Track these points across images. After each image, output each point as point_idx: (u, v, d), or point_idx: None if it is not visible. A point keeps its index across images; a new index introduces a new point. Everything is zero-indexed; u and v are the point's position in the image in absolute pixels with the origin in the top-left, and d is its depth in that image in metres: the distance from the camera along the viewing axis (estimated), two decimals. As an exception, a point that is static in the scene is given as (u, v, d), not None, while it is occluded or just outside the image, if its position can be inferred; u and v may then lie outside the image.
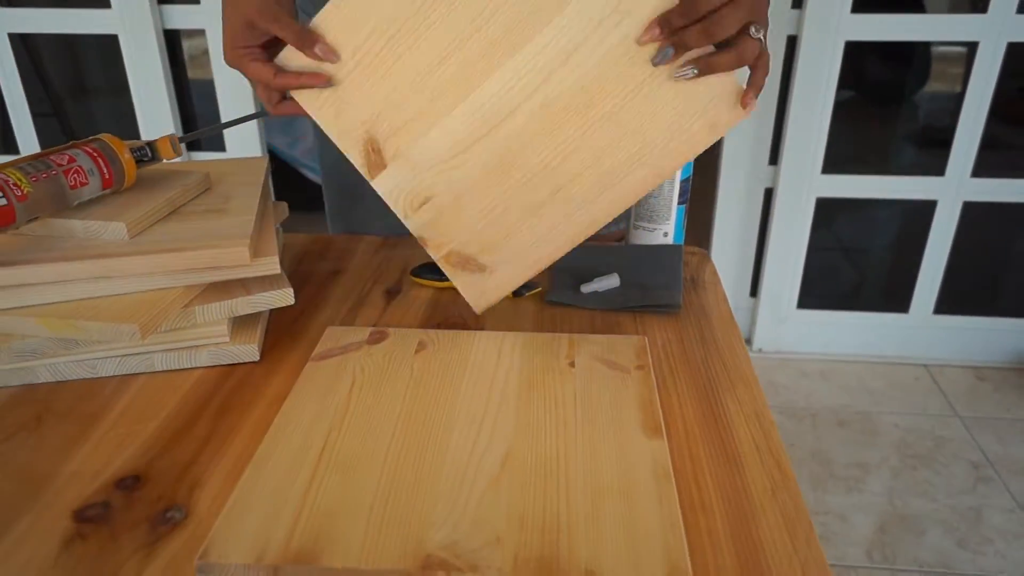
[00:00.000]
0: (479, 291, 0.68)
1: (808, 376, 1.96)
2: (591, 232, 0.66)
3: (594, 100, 0.61)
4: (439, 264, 0.67)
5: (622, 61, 0.60)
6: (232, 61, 0.64)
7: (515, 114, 0.62)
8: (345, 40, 0.61)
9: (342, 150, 0.64)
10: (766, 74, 0.61)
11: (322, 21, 0.60)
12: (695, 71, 0.59)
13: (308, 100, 0.63)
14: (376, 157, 0.64)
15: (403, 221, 0.66)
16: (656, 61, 0.59)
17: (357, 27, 0.60)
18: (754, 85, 0.60)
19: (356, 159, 0.64)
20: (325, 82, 0.62)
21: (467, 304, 0.71)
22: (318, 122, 0.64)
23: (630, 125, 0.62)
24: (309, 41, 0.60)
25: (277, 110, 0.66)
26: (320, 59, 0.61)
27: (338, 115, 0.63)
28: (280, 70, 0.62)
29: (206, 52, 1.86)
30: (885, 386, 1.92)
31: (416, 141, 0.63)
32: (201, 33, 1.83)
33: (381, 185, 0.65)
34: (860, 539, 1.45)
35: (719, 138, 0.63)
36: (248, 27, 0.62)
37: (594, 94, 0.61)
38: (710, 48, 0.58)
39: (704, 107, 0.61)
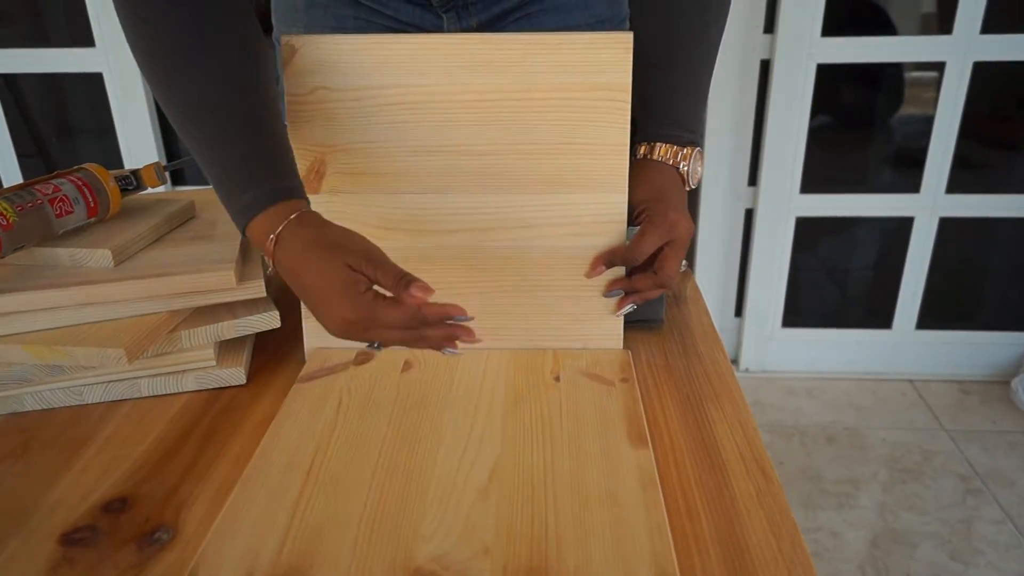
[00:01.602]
0: (320, 341, 0.67)
1: (795, 394, 1.97)
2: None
3: (513, 270, 0.66)
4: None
5: (553, 262, 0.66)
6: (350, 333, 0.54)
7: (451, 234, 0.66)
8: (361, 74, 0.62)
9: (294, 152, 0.64)
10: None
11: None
12: (621, 292, 0.67)
13: (297, 84, 0.63)
14: (314, 178, 0.65)
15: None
16: (607, 295, 0.67)
17: (381, 72, 0.62)
18: (640, 299, 0.67)
19: (300, 166, 0.64)
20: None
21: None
22: (287, 113, 0.63)
23: (523, 307, 0.67)
24: (404, 283, 0.51)
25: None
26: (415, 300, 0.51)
27: (309, 122, 0.64)
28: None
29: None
30: (872, 402, 1.93)
31: (358, 192, 0.65)
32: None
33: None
34: (852, 555, 1.45)
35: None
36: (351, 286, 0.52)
37: (518, 266, 0.66)
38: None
39: (586, 333, 0.68)
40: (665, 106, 0.69)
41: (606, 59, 0.62)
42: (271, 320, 0.65)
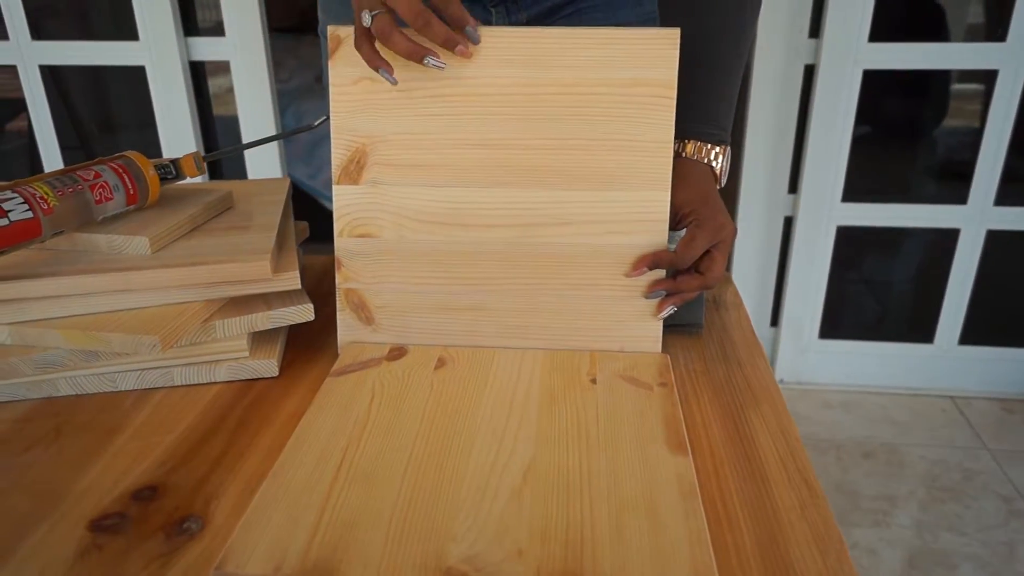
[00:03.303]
0: (352, 336, 0.67)
1: (831, 407, 1.93)
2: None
3: (553, 268, 0.65)
4: (337, 291, 0.67)
5: (595, 260, 0.64)
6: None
7: (490, 229, 0.64)
8: (406, 65, 0.61)
9: (333, 142, 0.64)
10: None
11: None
12: (663, 293, 0.65)
13: (342, 74, 0.62)
14: (355, 169, 0.64)
15: (335, 236, 0.66)
16: (649, 296, 0.65)
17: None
18: (681, 300, 0.65)
19: (338, 158, 0.64)
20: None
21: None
22: (331, 104, 0.63)
23: (562, 308, 0.66)
24: (453, 43, 0.56)
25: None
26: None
27: (354, 112, 0.63)
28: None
29: (231, 90, 1.89)
30: (910, 418, 1.88)
31: (398, 184, 0.64)
32: (226, 67, 1.87)
33: (341, 195, 0.65)
34: (889, 574, 1.41)
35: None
36: None
37: (557, 264, 0.65)
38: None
39: (624, 336, 0.66)
40: (697, 103, 0.69)
41: (652, 55, 0.61)
42: (305, 313, 0.65)
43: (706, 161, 0.69)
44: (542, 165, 0.63)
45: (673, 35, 0.60)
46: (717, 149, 0.69)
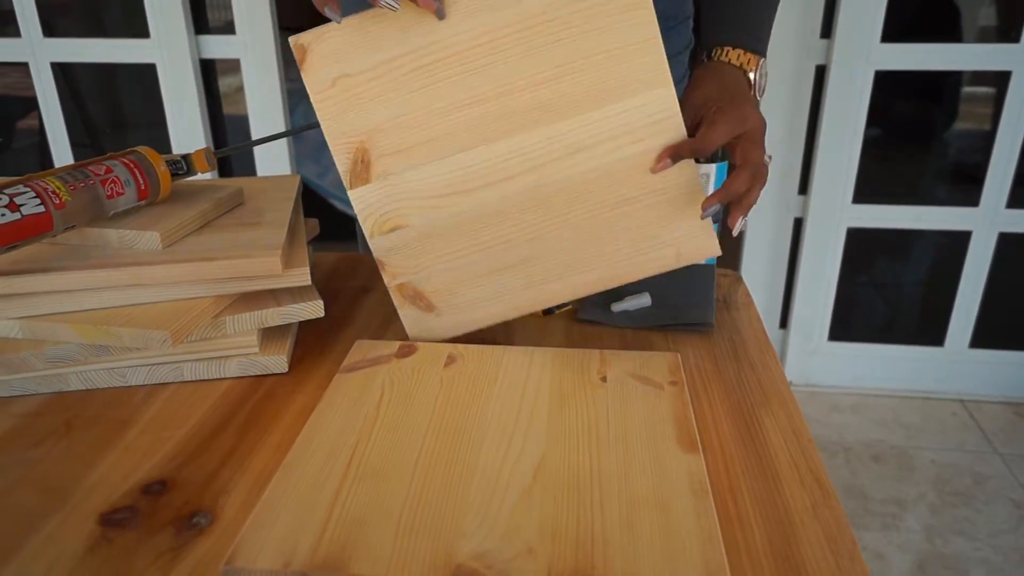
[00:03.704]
0: (421, 327, 0.68)
1: (840, 410, 1.92)
2: (537, 309, 0.68)
3: (582, 198, 0.64)
4: (390, 291, 0.67)
5: (619, 176, 0.63)
6: None
7: (509, 181, 0.64)
8: (376, 49, 0.61)
9: (332, 150, 0.64)
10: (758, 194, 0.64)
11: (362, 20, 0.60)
12: (719, 205, 0.62)
13: (317, 80, 0.62)
14: (362, 169, 0.64)
15: (367, 240, 0.66)
16: (704, 215, 0.63)
17: (393, 42, 0.61)
18: (746, 208, 0.63)
19: (342, 164, 0.64)
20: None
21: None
22: (317, 112, 0.63)
23: (605, 232, 0.65)
24: None
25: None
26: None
27: (341, 114, 0.63)
28: None
29: (240, 89, 1.90)
30: (920, 421, 1.87)
31: (407, 169, 0.64)
32: (236, 65, 1.87)
33: (358, 198, 0.65)
34: (898, 578, 1.40)
35: (680, 266, 0.66)
36: None
37: (584, 193, 0.64)
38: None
39: (676, 238, 0.65)
40: (735, 13, 0.68)
41: None
42: (315, 309, 0.65)
43: (740, 68, 0.67)
44: (536, 102, 0.62)
45: None
46: (754, 58, 0.67)
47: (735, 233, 0.63)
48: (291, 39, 0.62)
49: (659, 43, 0.61)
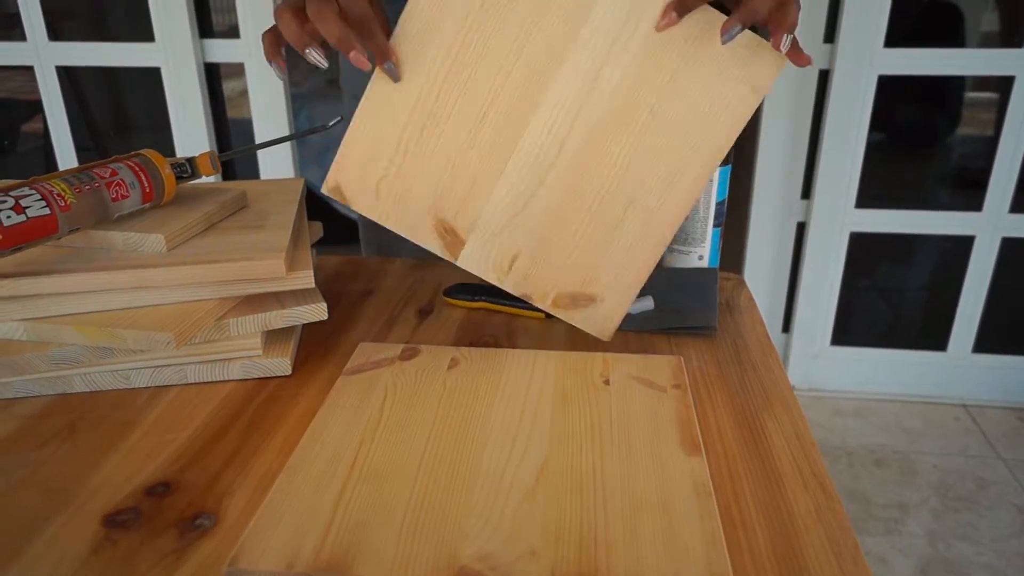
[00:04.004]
0: (599, 322, 0.67)
1: (842, 415, 1.92)
2: (670, 237, 0.65)
3: (633, 108, 0.61)
4: (551, 312, 0.66)
5: (647, 62, 0.60)
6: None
7: (564, 148, 0.62)
8: (388, 133, 0.61)
9: (419, 243, 0.64)
10: (798, 11, 0.57)
11: (359, 127, 0.61)
12: (740, 27, 0.56)
13: (366, 204, 0.64)
14: (452, 238, 0.64)
15: (500, 286, 0.65)
16: (725, 39, 0.57)
17: (394, 118, 0.61)
18: (786, 25, 0.56)
19: (435, 246, 0.64)
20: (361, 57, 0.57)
21: (499, 324, 0.70)
22: (385, 224, 0.64)
23: (673, 116, 0.61)
24: (348, 45, 0.56)
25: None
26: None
27: (399, 211, 0.64)
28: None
29: (244, 93, 1.90)
30: (923, 426, 1.87)
31: (483, 207, 0.63)
32: (240, 70, 1.88)
33: (467, 262, 0.65)
34: (901, 583, 1.40)
35: (764, 96, 0.61)
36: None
37: (631, 103, 0.61)
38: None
39: (738, 72, 0.60)
40: None
41: None
42: (319, 312, 0.65)
43: None
44: (526, 70, 0.61)
45: None
46: None
47: (783, 48, 0.57)
48: (324, 189, 0.63)
49: None
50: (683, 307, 0.74)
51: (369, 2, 0.59)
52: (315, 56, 0.59)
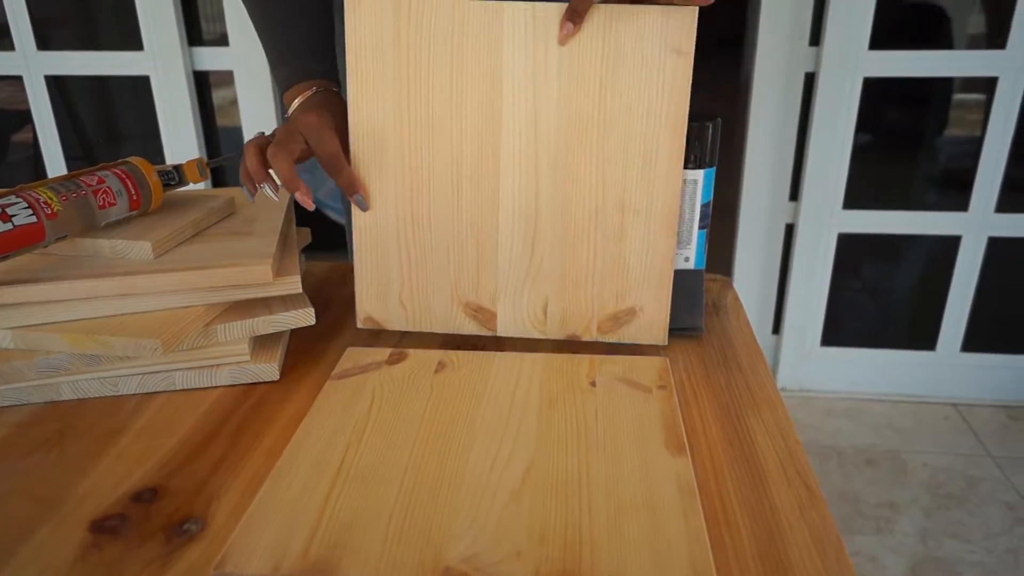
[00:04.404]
0: (649, 330, 0.69)
1: (833, 415, 1.92)
2: (675, 223, 0.66)
3: (580, 126, 0.64)
4: (603, 340, 0.69)
5: (572, 78, 0.63)
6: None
7: (540, 187, 0.65)
8: (387, 254, 0.68)
9: (461, 332, 0.69)
10: None
11: (360, 263, 0.69)
12: (571, 26, 0.60)
13: (399, 321, 0.70)
14: (483, 313, 0.68)
15: (547, 337, 0.69)
16: (563, 40, 0.61)
17: (385, 238, 0.68)
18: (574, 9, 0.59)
19: (474, 328, 0.69)
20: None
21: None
22: (429, 330, 0.70)
23: (619, 112, 0.63)
24: (293, 187, 0.65)
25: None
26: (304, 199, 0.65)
27: (432, 313, 0.69)
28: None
29: (234, 102, 1.90)
30: (913, 425, 1.87)
31: (496, 272, 0.67)
32: (229, 78, 1.88)
33: (506, 329, 0.69)
34: (892, 582, 1.41)
35: (692, 53, 0.62)
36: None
37: (576, 122, 0.64)
38: None
39: (657, 44, 0.62)
40: None
41: None
42: (306, 317, 0.65)
43: None
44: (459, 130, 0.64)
45: None
46: None
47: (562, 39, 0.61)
48: (360, 324, 0.70)
49: None
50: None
51: (340, 139, 0.66)
52: (268, 191, 0.67)
